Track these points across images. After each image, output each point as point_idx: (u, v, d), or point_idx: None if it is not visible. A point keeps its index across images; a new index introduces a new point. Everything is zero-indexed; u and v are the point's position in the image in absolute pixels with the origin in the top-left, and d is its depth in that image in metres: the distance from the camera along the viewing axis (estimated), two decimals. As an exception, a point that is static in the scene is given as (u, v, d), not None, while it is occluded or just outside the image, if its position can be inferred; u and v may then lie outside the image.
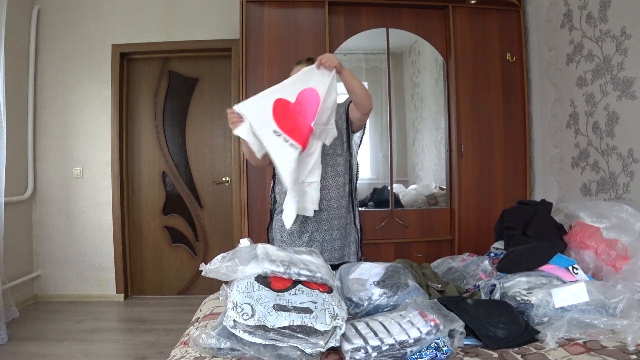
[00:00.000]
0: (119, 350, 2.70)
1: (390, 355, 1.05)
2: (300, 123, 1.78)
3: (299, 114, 1.79)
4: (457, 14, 3.09)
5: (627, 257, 1.52)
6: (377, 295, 1.34)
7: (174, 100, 3.86)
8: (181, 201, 3.87)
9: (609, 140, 2.43)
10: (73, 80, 3.72)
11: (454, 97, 3.08)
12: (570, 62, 2.74)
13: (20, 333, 2.93)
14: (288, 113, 1.80)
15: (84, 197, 3.73)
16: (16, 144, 3.46)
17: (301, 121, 1.78)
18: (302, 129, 1.77)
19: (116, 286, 3.73)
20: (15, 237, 3.45)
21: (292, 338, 1.05)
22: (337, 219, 1.95)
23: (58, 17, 3.71)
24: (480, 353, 1.13)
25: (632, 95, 2.27)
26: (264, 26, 3.00)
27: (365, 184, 3.24)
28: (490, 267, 1.69)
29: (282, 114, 1.79)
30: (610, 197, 2.43)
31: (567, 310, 1.23)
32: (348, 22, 3.09)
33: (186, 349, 1.19)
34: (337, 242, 1.96)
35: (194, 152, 3.86)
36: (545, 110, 3.04)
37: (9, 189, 3.23)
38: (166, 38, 3.70)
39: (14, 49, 3.41)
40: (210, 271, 1.18)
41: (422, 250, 3.06)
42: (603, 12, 2.43)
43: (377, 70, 3.24)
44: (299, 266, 1.18)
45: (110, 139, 3.71)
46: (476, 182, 3.10)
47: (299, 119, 1.78)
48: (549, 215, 1.84)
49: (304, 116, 1.78)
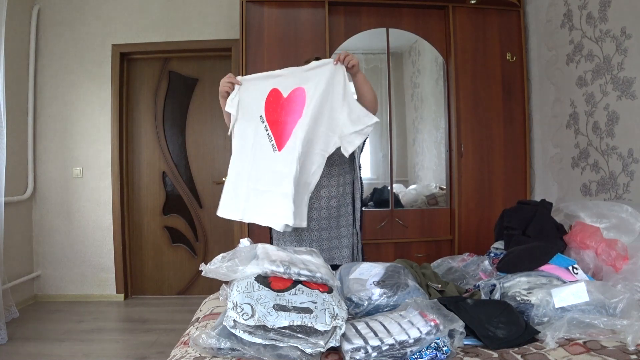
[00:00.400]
0: (119, 350, 2.70)
1: (390, 355, 1.05)
2: (283, 120, 1.77)
3: (285, 111, 1.78)
4: (457, 14, 3.09)
5: (627, 257, 1.52)
6: (377, 295, 1.34)
7: (174, 100, 3.86)
8: (181, 201, 3.87)
9: (609, 140, 2.43)
10: (73, 80, 3.72)
11: (454, 97, 3.08)
12: (570, 62, 2.74)
13: (20, 333, 2.93)
14: (277, 105, 1.79)
15: (84, 197, 3.73)
16: (16, 144, 3.46)
17: (284, 118, 1.77)
18: (284, 126, 1.76)
19: (116, 286, 3.73)
20: (15, 237, 3.45)
21: (292, 338, 1.05)
22: (326, 219, 1.94)
23: (58, 17, 3.71)
24: (480, 353, 1.13)
25: (632, 95, 2.27)
26: (264, 26, 3.00)
27: (365, 184, 3.22)
28: (490, 267, 1.69)
29: (272, 104, 1.80)
30: (610, 197, 2.43)
31: (567, 310, 1.23)
32: (348, 22, 3.09)
33: (186, 349, 1.19)
34: (325, 243, 1.94)
35: (194, 152, 3.86)
36: (545, 110, 3.04)
37: (9, 189, 3.23)
38: (166, 38, 3.70)
39: (14, 49, 3.41)
40: (210, 271, 1.18)
41: (422, 250, 3.06)
42: (603, 12, 2.43)
43: (377, 70, 3.24)
44: (299, 266, 1.18)
45: (110, 139, 3.71)
46: (476, 182, 3.10)
47: (282, 115, 1.78)
48: (549, 215, 1.84)
49: (289, 114, 1.76)
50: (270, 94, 1.80)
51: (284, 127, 1.76)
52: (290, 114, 1.76)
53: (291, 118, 1.75)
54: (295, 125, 1.73)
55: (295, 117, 1.74)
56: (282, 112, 1.78)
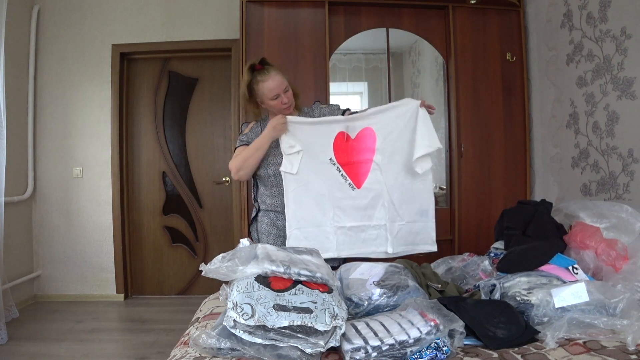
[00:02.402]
0: (119, 350, 2.70)
1: (390, 355, 1.05)
2: (356, 160, 1.90)
3: (356, 151, 1.90)
4: (457, 14, 3.09)
5: (627, 257, 1.52)
6: (377, 295, 1.33)
7: (174, 100, 3.86)
8: (181, 201, 3.87)
9: (609, 140, 2.43)
10: (73, 80, 3.72)
11: (454, 97, 3.08)
12: (570, 62, 2.74)
13: (20, 333, 2.93)
14: (346, 147, 1.90)
15: (84, 197, 3.73)
16: (16, 144, 3.46)
17: (356, 158, 1.90)
18: (358, 165, 1.90)
19: (116, 286, 3.73)
20: (15, 237, 3.45)
21: (292, 338, 1.05)
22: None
23: (58, 17, 3.71)
24: (480, 353, 1.13)
25: (632, 95, 2.27)
26: (264, 26, 3.00)
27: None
28: (490, 267, 1.69)
29: (341, 146, 1.90)
30: (610, 197, 2.43)
31: (567, 310, 1.23)
32: (348, 22, 3.08)
33: (186, 349, 1.19)
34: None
35: (194, 152, 3.86)
36: (545, 110, 3.04)
37: (9, 189, 3.23)
38: (166, 38, 3.70)
39: (14, 49, 3.41)
40: (210, 271, 1.18)
41: (422, 250, 3.06)
42: (603, 12, 2.43)
43: (377, 70, 3.24)
44: (299, 266, 1.18)
45: (110, 139, 3.71)
46: (476, 182, 3.10)
47: (354, 155, 1.90)
48: (549, 215, 1.84)
49: (360, 153, 1.90)
50: (338, 137, 1.89)
51: (359, 166, 1.90)
52: (362, 153, 1.90)
53: (364, 157, 1.90)
54: (371, 162, 1.89)
55: (369, 155, 1.90)
56: (353, 152, 1.90)
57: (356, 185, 1.89)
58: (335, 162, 1.88)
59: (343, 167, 1.89)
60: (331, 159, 1.88)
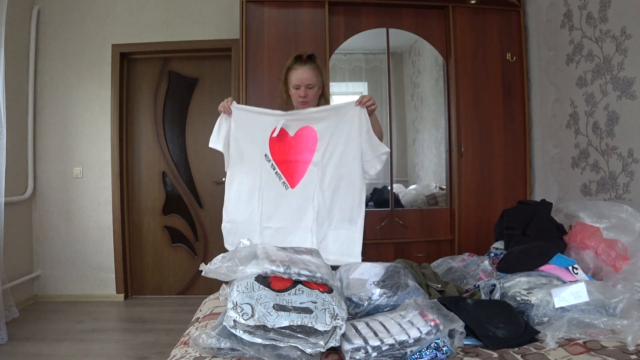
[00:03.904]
0: (119, 350, 2.70)
1: (390, 355, 1.05)
2: (293, 159, 1.86)
3: (294, 149, 1.86)
4: (457, 14, 3.09)
5: (627, 257, 1.52)
6: (377, 295, 1.34)
7: (174, 100, 3.86)
8: (181, 201, 3.87)
9: (609, 140, 2.43)
10: (73, 80, 3.72)
11: (454, 97, 3.08)
12: (570, 62, 2.74)
13: (20, 333, 2.93)
14: (283, 144, 1.87)
15: (84, 197, 3.73)
16: (16, 144, 3.46)
17: (293, 157, 1.86)
18: (295, 165, 1.86)
19: (116, 286, 3.73)
20: (15, 237, 3.45)
21: (292, 338, 1.05)
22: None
23: (58, 17, 3.71)
24: (480, 353, 1.13)
25: (632, 95, 2.27)
26: (264, 26, 3.00)
27: (365, 184, 3.23)
28: (490, 267, 1.69)
29: (278, 143, 1.87)
30: (610, 197, 2.43)
31: (567, 310, 1.23)
32: (348, 22, 3.09)
33: (186, 349, 1.19)
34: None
35: (194, 152, 3.86)
36: (545, 110, 3.04)
37: (9, 189, 3.23)
38: (166, 38, 3.70)
39: (14, 49, 3.41)
40: (210, 271, 1.18)
41: (422, 250, 3.06)
42: (603, 12, 2.43)
43: (377, 70, 3.24)
44: (299, 266, 1.18)
45: (110, 139, 3.71)
46: (476, 182, 3.10)
47: (291, 154, 1.86)
48: (549, 215, 1.84)
49: (299, 152, 1.86)
50: (280, 133, 1.87)
51: (296, 166, 1.86)
52: (301, 153, 1.87)
53: (302, 157, 1.86)
54: (309, 163, 1.85)
55: (308, 156, 1.86)
56: (291, 150, 1.87)
57: (290, 184, 1.87)
58: (270, 158, 1.87)
59: (278, 165, 1.88)
60: (266, 155, 1.88)
